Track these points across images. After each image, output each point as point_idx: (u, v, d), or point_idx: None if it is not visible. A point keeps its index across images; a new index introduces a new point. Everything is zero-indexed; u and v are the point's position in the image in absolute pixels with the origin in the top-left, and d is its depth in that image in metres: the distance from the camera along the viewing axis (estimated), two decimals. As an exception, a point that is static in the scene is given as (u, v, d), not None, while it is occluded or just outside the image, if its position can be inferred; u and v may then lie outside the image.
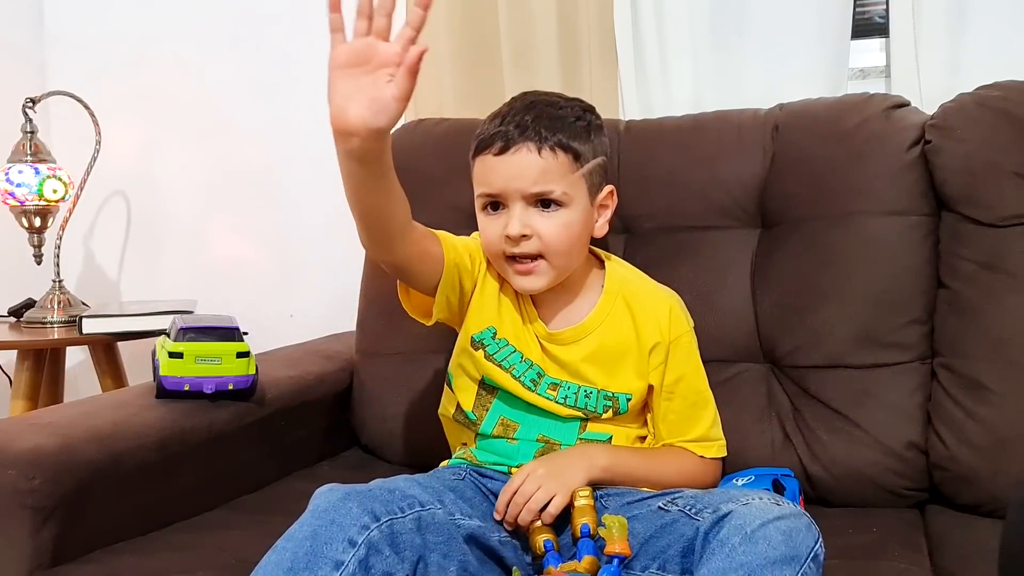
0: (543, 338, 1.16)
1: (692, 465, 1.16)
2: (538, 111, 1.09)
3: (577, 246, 1.12)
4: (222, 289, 2.01)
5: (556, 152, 1.07)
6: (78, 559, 1.04)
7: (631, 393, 1.15)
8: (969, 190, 1.21)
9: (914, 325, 1.23)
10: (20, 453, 1.03)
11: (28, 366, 1.76)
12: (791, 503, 0.89)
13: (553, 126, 1.07)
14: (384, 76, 0.89)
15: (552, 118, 1.08)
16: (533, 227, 1.08)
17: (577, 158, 1.08)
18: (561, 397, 1.14)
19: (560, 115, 1.09)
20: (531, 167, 1.06)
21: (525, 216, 1.08)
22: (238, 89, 2.00)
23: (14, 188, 1.81)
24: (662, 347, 1.15)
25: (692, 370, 1.19)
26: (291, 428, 1.38)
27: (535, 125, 1.07)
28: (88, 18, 2.09)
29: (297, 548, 0.83)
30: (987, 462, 1.15)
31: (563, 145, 1.07)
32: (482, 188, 1.11)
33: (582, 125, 1.10)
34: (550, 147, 1.07)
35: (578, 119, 1.10)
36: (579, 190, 1.09)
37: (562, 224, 1.08)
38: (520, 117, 1.08)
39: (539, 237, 1.08)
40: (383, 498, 0.89)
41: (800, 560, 0.82)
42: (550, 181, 1.07)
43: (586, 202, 1.11)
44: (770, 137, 1.33)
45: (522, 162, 1.07)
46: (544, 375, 1.15)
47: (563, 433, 1.15)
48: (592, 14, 1.66)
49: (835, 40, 1.57)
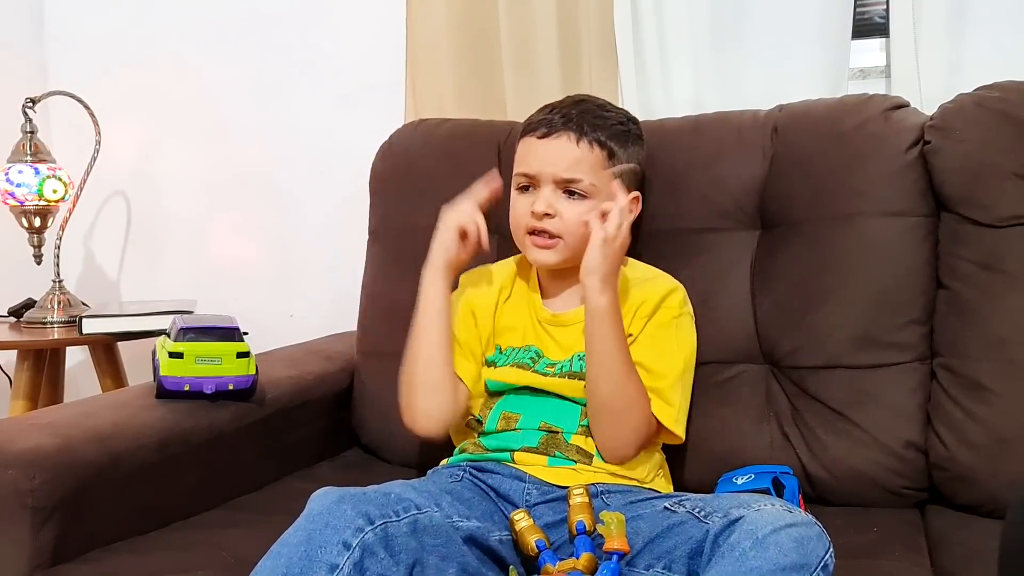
0: (546, 322, 1.22)
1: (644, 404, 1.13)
2: (585, 108, 1.19)
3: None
4: (222, 289, 2.02)
5: (593, 146, 1.16)
6: (78, 559, 1.04)
7: None
8: (968, 191, 1.21)
9: (914, 325, 1.24)
10: (20, 453, 1.03)
11: (28, 366, 1.76)
12: (803, 512, 0.89)
13: (596, 123, 1.17)
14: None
15: (596, 116, 1.18)
16: (557, 209, 1.16)
17: (611, 156, 1.18)
18: (557, 370, 1.18)
19: (604, 115, 1.19)
20: (567, 154, 1.16)
21: (552, 198, 1.16)
22: (238, 89, 2.00)
23: (14, 188, 1.81)
24: (649, 304, 1.18)
25: (673, 338, 1.18)
26: (291, 428, 1.38)
27: (579, 119, 1.17)
28: (88, 18, 2.10)
29: (292, 552, 0.84)
30: (987, 462, 1.16)
31: (600, 141, 1.17)
32: (520, 168, 1.21)
33: (622, 129, 1.20)
34: (588, 140, 1.16)
35: (620, 124, 1.20)
36: (605, 187, 1.16)
37: (584, 211, 1.15)
38: (568, 110, 1.18)
39: (561, 219, 1.16)
40: (378, 501, 0.90)
41: (810, 568, 0.82)
42: (581, 171, 1.16)
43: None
44: (770, 138, 1.33)
45: (560, 148, 1.16)
46: (542, 355, 1.19)
47: (564, 420, 1.16)
48: (592, 14, 1.66)
49: (835, 40, 1.57)
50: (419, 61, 1.77)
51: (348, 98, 1.91)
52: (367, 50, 1.88)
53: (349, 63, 1.90)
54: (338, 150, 1.91)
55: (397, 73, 1.83)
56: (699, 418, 1.24)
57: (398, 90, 1.83)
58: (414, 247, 1.47)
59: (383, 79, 1.85)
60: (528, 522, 1.01)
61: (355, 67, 1.90)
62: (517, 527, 1.00)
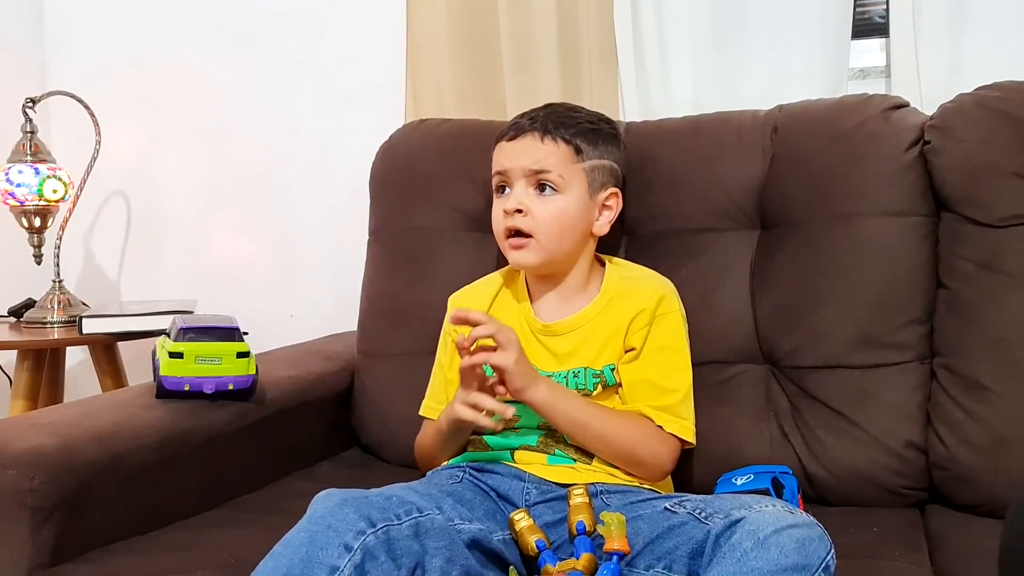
0: (538, 331, 1.21)
1: (646, 436, 1.15)
2: (553, 109, 1.23)
3: (569, 235, 1.19)
4: (222, 289, 2.02)
5: (557, 142, 1.18)
6: (78, 559, 1.04)
7: (613, 363, 1.18)
8: (968, 190, 1.21)
9: (913, 325, 1.24)
10: (20, 453, 1.03)
11: (28, 366, 1.76)
12: (803, 513, 0.89)
13: (561, 122, 1.20)
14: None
15: (563, 116, 1.21)
16: (528, 206, 1.17)
17: (578, 152, 1.19)
18: None
19: (572, 115, 1.22)
20: (534, 150, 1.18)
21: (524, 195, 1.18)
22: (238, 89, 2.00)
23: (14, 188, 1.81)
24: (647, 313, 1.18)
25: (674, 347, 1.20)
26: (291, 428, 1.38)
27: (544, 119, 1.20)
28: (88, 18, 2.10)
29: (293, 554, 0.84)
30: (986, 462, 1.16)
31: (565, 138, 1.19)
32: (494, 168, 1.23)
33: (590, 127, 1.21)
34: (552, 137, 1.18)
35: (589, 122, 1.22)
36: (577, 181, 1.19)
37: (556, 209, 1.17)
38: (536, 112, 1.22)
39: (532, 216, 1.17)
40: (380, 504, 0.90)
41: (811, 569, 0.82)
42: (549, 164, 1.18)
43: (583, 195, 1.19)
44: (769, 138, 1.33)
45: (527, 146, 1.19)
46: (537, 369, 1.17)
47: None
48: (592, 14, 1.66)
49: (835, 40, 1.57)
50: (419, 61, 1.77)
51: (348, 98, 1.91)
52: (367, 50, 1.88)
53: (349, 63, 1.90)
54: (338, 150, 1.91)
55: (397, 73, 1.83)
56: (699, 418, 1.23)
57: (398, 90, 1.83)
58: (414, 247, 1.48)
59: (383, 79, 1.85)
60: (528, 522, 1.01)
61: (355, 67, 1.90)
62: (517, 527, 1.00)
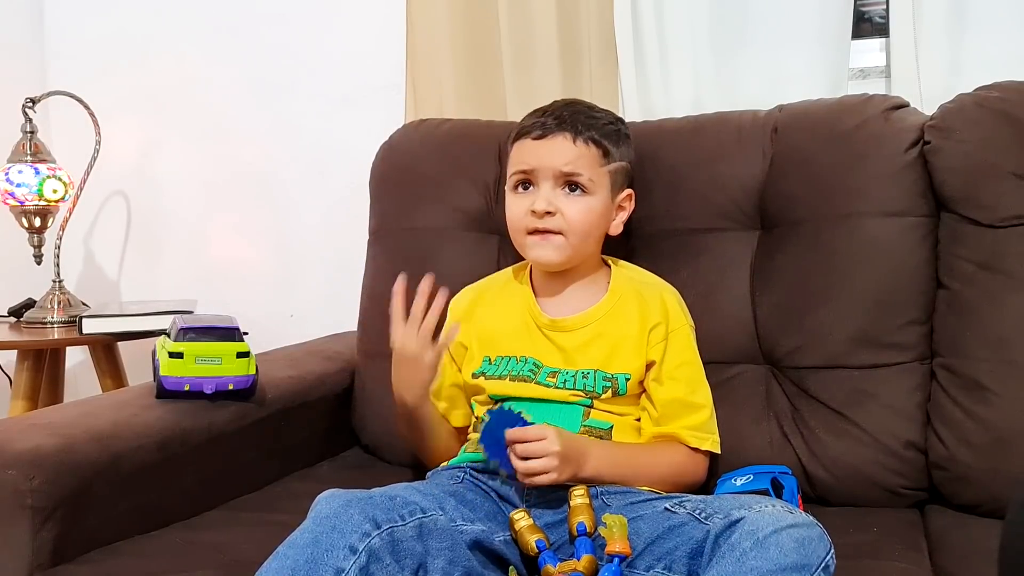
0: (545, 327, 1.21)
1: (681, 459, 1.17)
2: (576, 109, 1.23)
3: (594, 233, 1.22)
4: (222, 289, 2.02)
5: (588, 144, 1.19)
6: (78, 559, 1.04)
7: (629, 373, 1.17)
8: (968, 191, 1.21)
9: (913, 325, 1.24)
10: (20, 453, 1.03)
11: (28, 366, 1.76)
12: (805, 514, 0.89)
13: (588, 123, 1.20)
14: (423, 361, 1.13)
15: (588, 116, 1.21)
16: (558, 206, 1.18)
17: (606, 155, 1.20)
18: (560, 382, 1.18)
19: (595, 116, 1.22)
20: (565, 151, 1.18)
21: (552, 195, 1.18)
22: (238, 89, 2.00)
23: (14, 188, 1.82)
24: (663, 327, 1.19)
25: (693, 360, 1.22)
26: (291, 428, 1.38)
27: (572, 120, 1.20)
28: (88, 18, 2.10)
29: (298, 555, 0.84)
30: (986, 462, 1.16)
31: (595, 140, 1.20)
32: (517, 167, 1.22)
33: (613, 129, 1.23)
34: (584, 139, 1.19)
35: (610, 123, 1.23)
36: (603, 183, 1.20)
37: (585, 208, 1.19)
38: (559, 112, 1.21)
39: (563, 215, 1.18)
40: (384, 505, 0.89)
41: (811, 569, 0.83)
42: (580, 166, 1.18)
43: (607, 196, 1.21)
44: (769, 139, 1.33)
45: (558, 146, 1.19)
46: (542, 366, 1.19)
47: (566, 421, 1.16)
48: (592, 14, 1.66)
49: (835, 40, 1.57)
50: (419, 61, 1.77)
51: (348, 98, 1.91)
52: (367, 50, 1.88)
53: (349, 63, 1.90)
54: (338, 150, 1.91)
55: (397, 73, 1.83)
56: (699, 418, 1.23)
57: (398, 90, 1.83)
58: (414, 247, 1.48)
59: (383, 79, 1.85)
60: (528, 522, 1.01)
61: (355, 67, 1.90)
62: (516, 526, 1.00)
